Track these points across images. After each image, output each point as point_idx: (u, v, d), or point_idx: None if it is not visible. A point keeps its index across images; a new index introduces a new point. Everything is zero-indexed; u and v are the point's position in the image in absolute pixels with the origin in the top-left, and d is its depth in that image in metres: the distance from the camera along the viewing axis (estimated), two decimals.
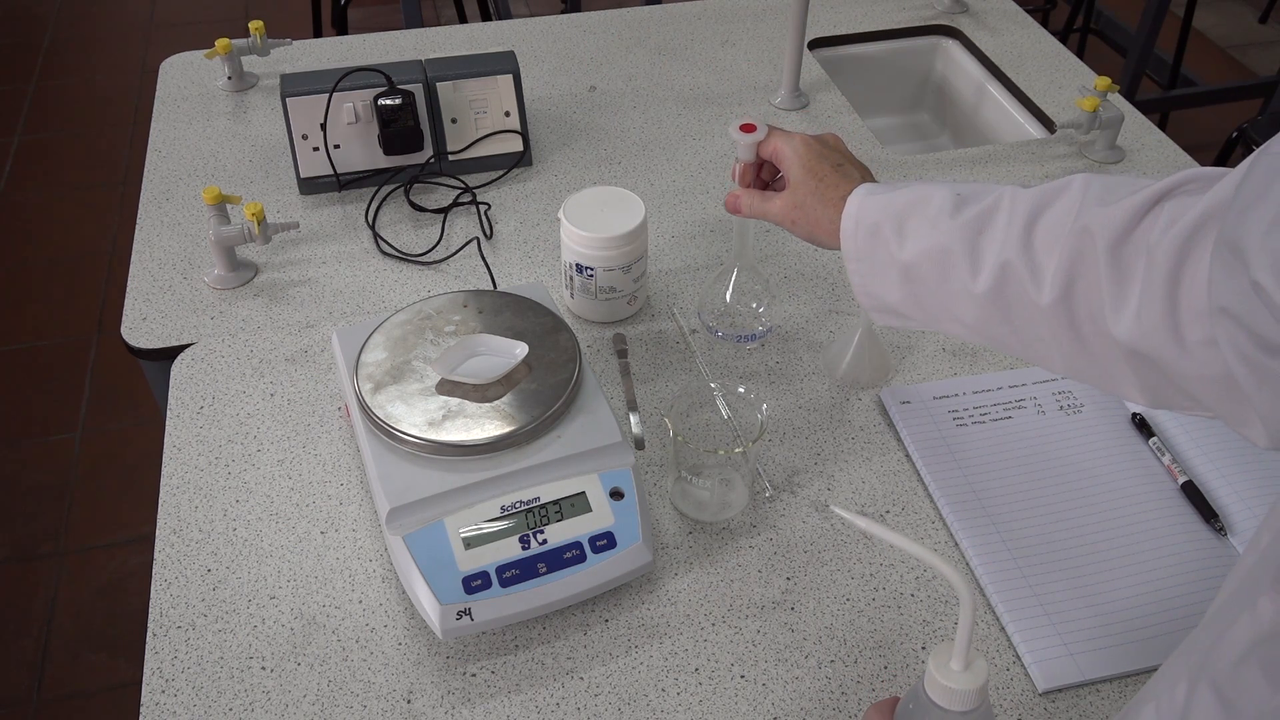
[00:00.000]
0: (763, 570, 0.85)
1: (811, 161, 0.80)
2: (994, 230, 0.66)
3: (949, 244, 0.67)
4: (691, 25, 1.57)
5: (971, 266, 0.66)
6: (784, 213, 0.81)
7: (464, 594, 0.76)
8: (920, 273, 0.70)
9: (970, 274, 0.66)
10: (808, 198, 0.79)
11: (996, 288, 0.65)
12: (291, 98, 1.16)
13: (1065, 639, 0.79)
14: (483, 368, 0.86)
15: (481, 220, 1.20)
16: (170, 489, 0.90)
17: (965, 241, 0.67)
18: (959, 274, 0.67)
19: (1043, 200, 0.65)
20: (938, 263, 0.68)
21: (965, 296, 0.67)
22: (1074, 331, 0.62)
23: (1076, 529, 0.87)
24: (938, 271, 0.68)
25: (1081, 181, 0.64)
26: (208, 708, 0.76)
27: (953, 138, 1.61)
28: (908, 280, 0.71)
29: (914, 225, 0.70)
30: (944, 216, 0.68)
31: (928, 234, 0.69)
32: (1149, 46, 2.65)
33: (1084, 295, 0.61)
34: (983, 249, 0.66)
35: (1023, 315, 0.64)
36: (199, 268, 1.13)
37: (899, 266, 0.71)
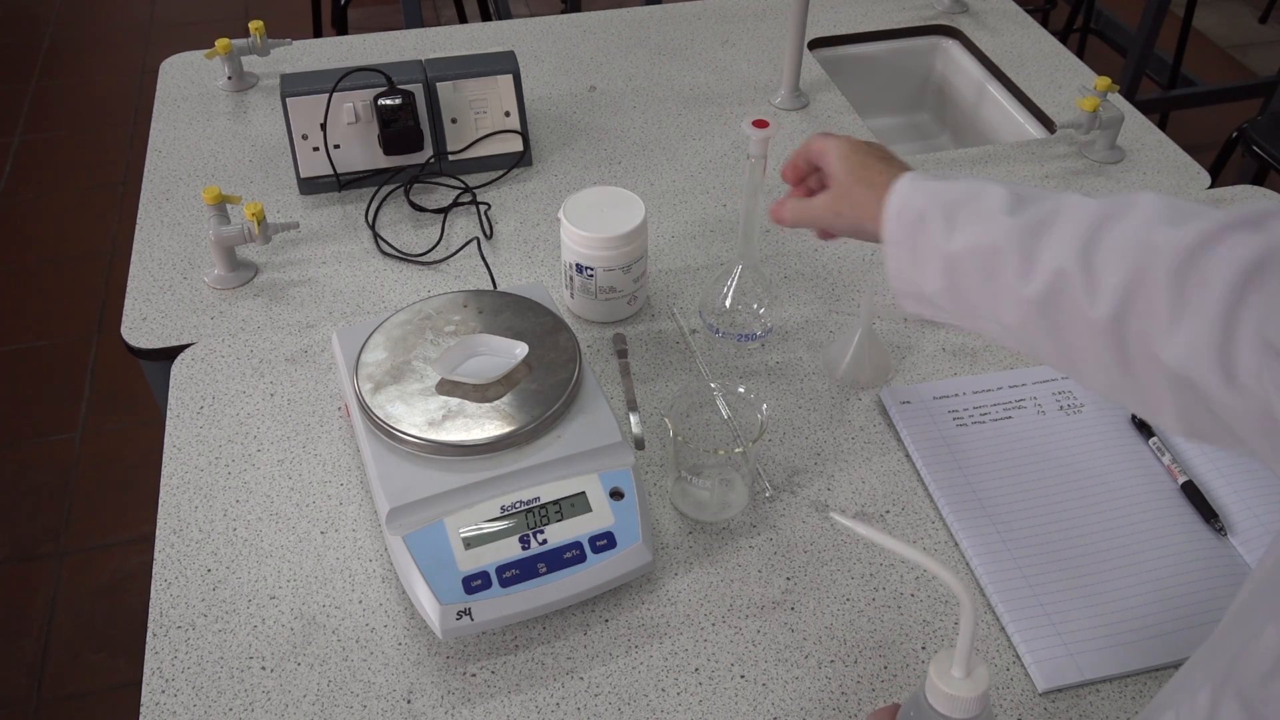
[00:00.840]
0: (763, 570, 0.85)
1: (855, 155, 0.79)
2: (1053, 235, 0.64)
3: (1002, 242, 0.65)
4: (691, 25, 1.58)
5: (1023, 268, 0.64)
6: (828, 206, 0.79)
7: (464, 594, 0.76)
8: (966, 266, 0.68)
9: (1021, 276, 0.64)
10: (853, 187, 0.77)
11: (1048, 294, 0.62)
12: (291, 98, 1.16)
13: (1065, 639, 0.79)
14: (483, 368, 0.86)
15: (481, 220, 1.20)
16: (170, 489, 0.90)
17: (1020, 242, 0.65)
18: (1008, 274, 0.65)
19: (1109, 213, 0.63)
20: (987, 259, 0.66)
21: (1011, 298, 0.65)
22: (1121, 350, 0.60)
23: (1076, 529, 0.87)
24: (985, 268, 0.66)
25: (1151, 199, 0.62)
26: (208, 708, 0.76)
27: (953, 138, 1.61)
28: (951, 271, 0.68)
29: (965, 217, 0.68)
30: (1000, 213, 0.66)
31: (980, 228, 0.67)
32: (1149, 46, 2.65)
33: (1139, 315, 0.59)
34: (1038, 253, 0.64)
35: (1070, 326, 0.62)
36: (199, 268, 1.13)
37: (943, 256, 0.69)
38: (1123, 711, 0.76)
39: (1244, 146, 1.99)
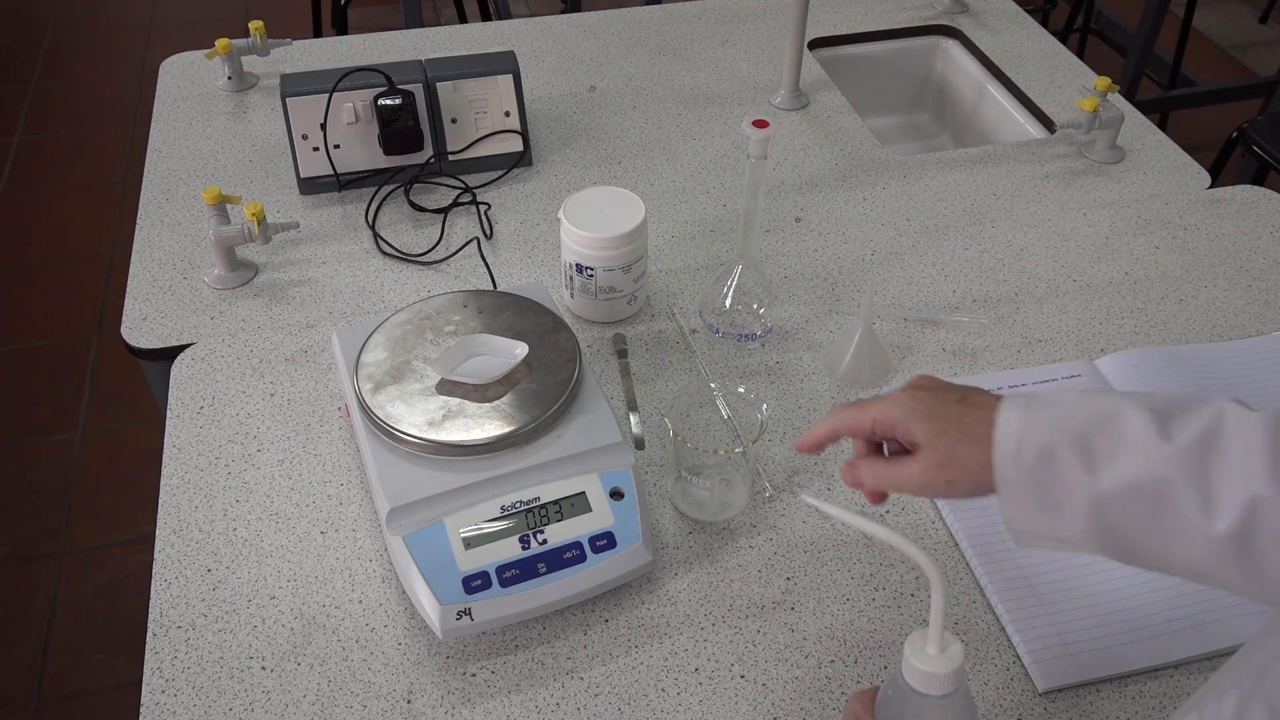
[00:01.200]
0: (763, 570, 0.85)
1: (933, 406, 0.66)
2: (1227, 458, 0.55)
3: (1167, 474, 0.56)
4: (691, 25, 1.58)
5: (1203, 503, 0.55)
6: (927, 474, 0.65)
7: (464, 594, 0.76)
8: (1123, 507, 0.58)
9: (1202, 513, 0.55)
10: (954, 446, 0.64)
11: (1242, 529, 0.54)
12: (291, 98, 1.16)
13: (1065, 639, 0.79)
14: (483, 368, 0.86)
15: (481, 220, 1.20)
16: (170, 489, 0.90)
17: (1190, 473, 0.56)
18: (1184, 512, 0.56)
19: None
20: (1152, 497, 0.57)
21: (1193, 537, 0.56)
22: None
23: None
24: (1151, 507, 0.57)
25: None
26: (208, 708, 0.76)
27: (953, 138, 1.61)
28: (1101, 514, 0.58)
29: (1106, 447, 0.58)
30: (1151, 438, 0.57)
31: (1135, 461, 0.57)
32: (1149, 46, 2.65)
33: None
34: (1217, 482, 0.55)
35: (1276, 561, 0.54)
36: (199, 268, 1.13)
37: (1090, 499, 0.58)
38: (1123, 711, 0.76)
39: (1244, 146, 1.99)
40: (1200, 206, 1.23)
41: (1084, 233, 1.19)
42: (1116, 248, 1.17)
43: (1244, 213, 1.22)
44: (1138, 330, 1.07)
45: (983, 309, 1.09)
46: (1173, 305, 1.10)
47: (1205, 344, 1.05)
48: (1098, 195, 1.25)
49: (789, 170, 1.29)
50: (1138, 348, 1.04)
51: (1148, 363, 1.00)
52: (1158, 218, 1.22)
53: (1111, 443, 0.58)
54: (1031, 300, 1.10)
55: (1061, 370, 1.01)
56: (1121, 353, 1.02)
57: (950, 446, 0.64)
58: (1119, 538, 0.59)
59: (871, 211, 1.22)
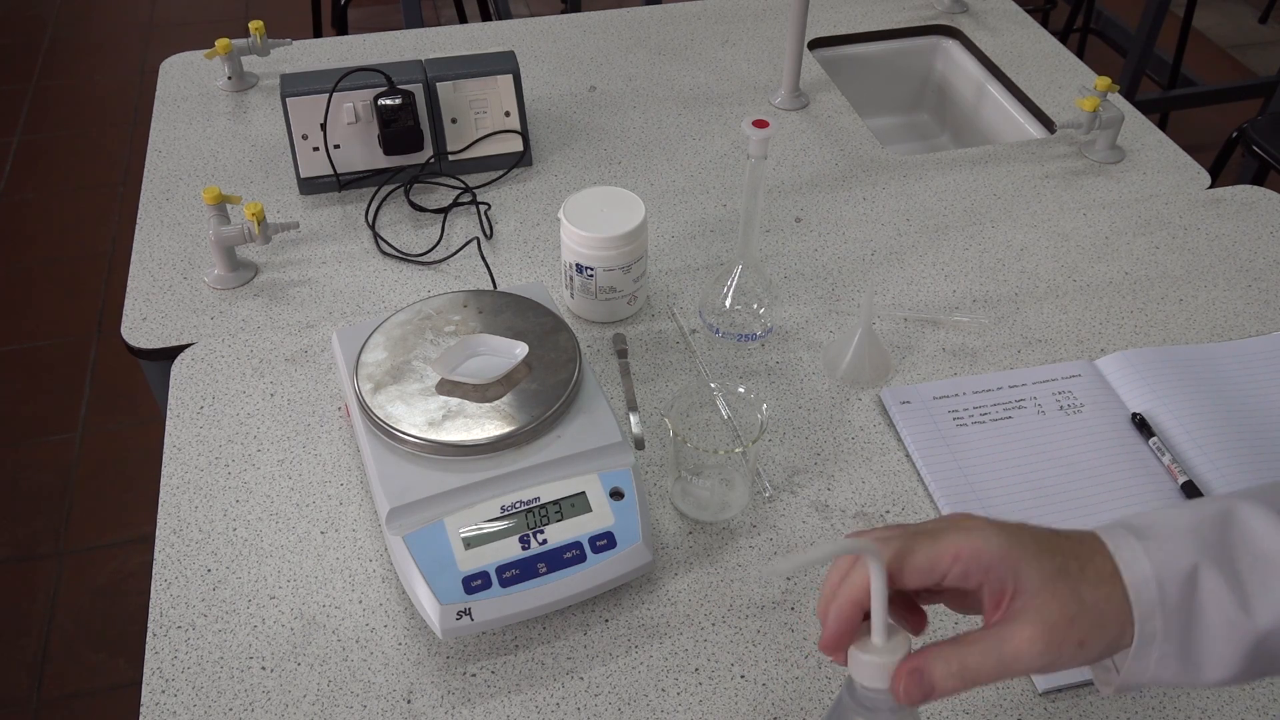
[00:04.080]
0: (763, 570, 0.85)
1: (1034, 538, 0.51)
2: None
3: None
4: (691, 25, 1.58)
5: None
6: (1055, 636, 0.48)
7: (464, 594, 0.76)
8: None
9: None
10: (1079, 589, 0.49)
11: None
12: (291, 98, 1.16)
13: None
14: (483, 368, 0.86)
15: (481, 220, 1.20)
16: (170, 489, 0.90)
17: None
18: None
19: None
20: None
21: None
22: None
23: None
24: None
25: None
26: (208, 708, 0.76)
27: (953, 138, 1.61)
28: (1258, 653, 0.48)
29: (1254, 570, 0.48)
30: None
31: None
32: (1149, 46, 2.65)
33: None
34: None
35: None
36: (199, 268, 1.13)
37: (1247, 638, 0.48)
38: (1123, 711, 0.76)
39: (1244, 146, 1.99)
40: (1200, 206, 1.23)
41: (1084, 233, 1.19)
42: (1116, 248, 1.17)
43: (1244, 213, 1.22)
44: (1138, 330, 1.07)
45: (983, 309, 1.09)
46: (1173, 305, 1.10)
47: (1205, 344, 1.05)
48: (1098, 195, 1.25)
49: (789, 170, 1.29)
50: (1138, 348, 1.04)
51: (1148, 363, 1.00)
52: (1158, 218, 1.22)
53: (1257, 562, 0.48)
54: (1031, 300, 1.10)
55: (1061, 370, 1.01)
56: (1121, 353, 1.02)
57: (1078, 590, 0.48)
58: (1272, 665, 0.49)
59: (871, 211, 1.22)
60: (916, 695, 0.49)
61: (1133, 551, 0.49)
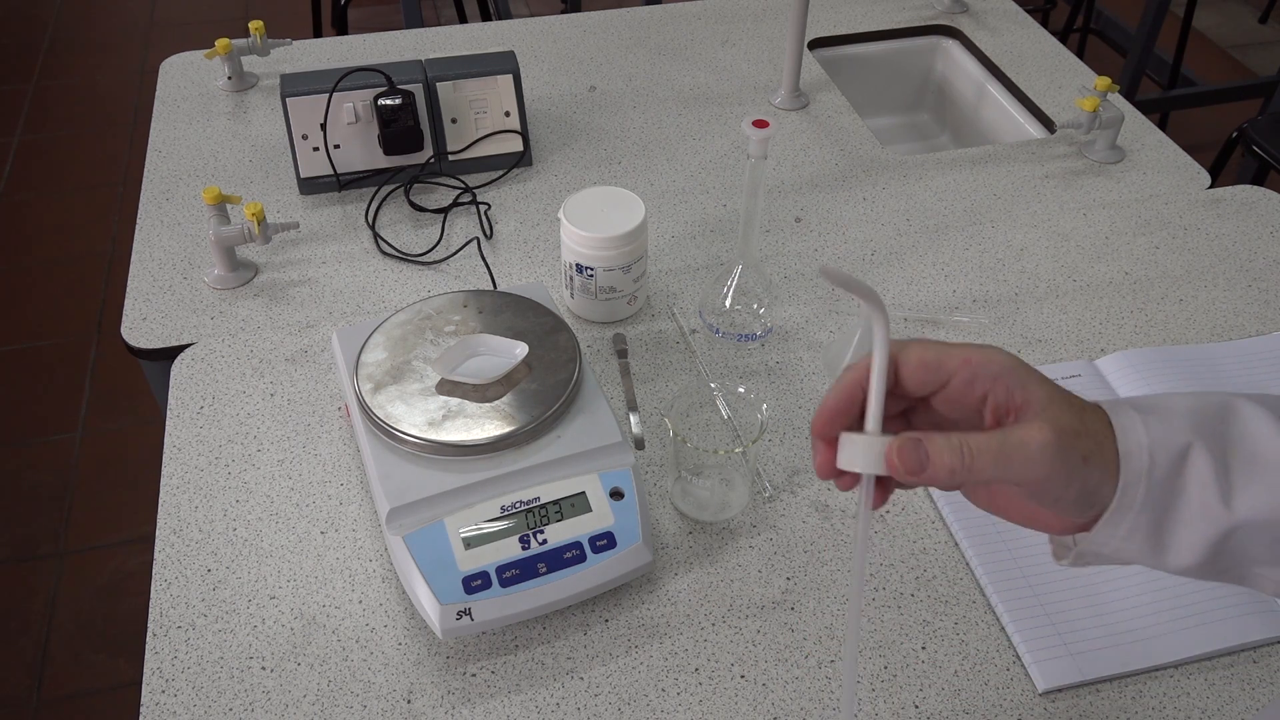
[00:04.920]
0: (763, 570, 0.85)
1: (1032, 370, 0.50)
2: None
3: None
4: (691, 25, 1.58)
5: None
6: (1064, 439, 0.47)
7: (464, 594, 0.76)
8: (1252, 544, 0.48)
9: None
10: (1083, 418, 0.48)
11: None
12: (291, 98, 1.16)
13: (1065, 639, 0.79)
14: (483, 368, 0.86)
15: (481, 220, 1.20)
16: (170, 489, 0.90)
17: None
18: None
19: None
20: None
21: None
22: None
23: None
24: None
25: None
26: (208, 708, 0.76)
27: (953, 138, 1.61)
28: (1224, 546, 0.48)
29: (1243, 466, 0.48)
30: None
31: (1277, 486, 0.47)
32: (1149, 46, 2.65)
33: None
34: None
35: None
36: (199, 268, 1.13)
37: (1221, 528, 0.47)
38: (1123, 711, 0.76)
39: (1244, 146, 1.99)
40: (1200, 206, 1.23)
41: (1084, 233, 1.19)
42: (1116, 248, 1.17)
43: (1244, 213, 1.22)
44: (1138, 330, 1.07)
45: (983, 309, 1.09)
46: (1173, 305, 1.10)
47: (1205, 344, 1.05)
48: (1098, 195, 1.25)
49: (789, 170, 1.29)
50: (1138, 348, 1.04)
51: (1148, 363, 1.00)
52: (1158, 218, 1.22)
53: (1247, 460, 0.48)
54: (1031, 300, 1.10)
55: (1061, 370, 1.01)
56: (1121, 353, 1.02)
57: (1079, 414, 0.48)
58: (1230, 564, 0.49)
59: (871, 211, 1.22)
60: (911, 462, 0.47)
61: (1131, 421, 0.48)
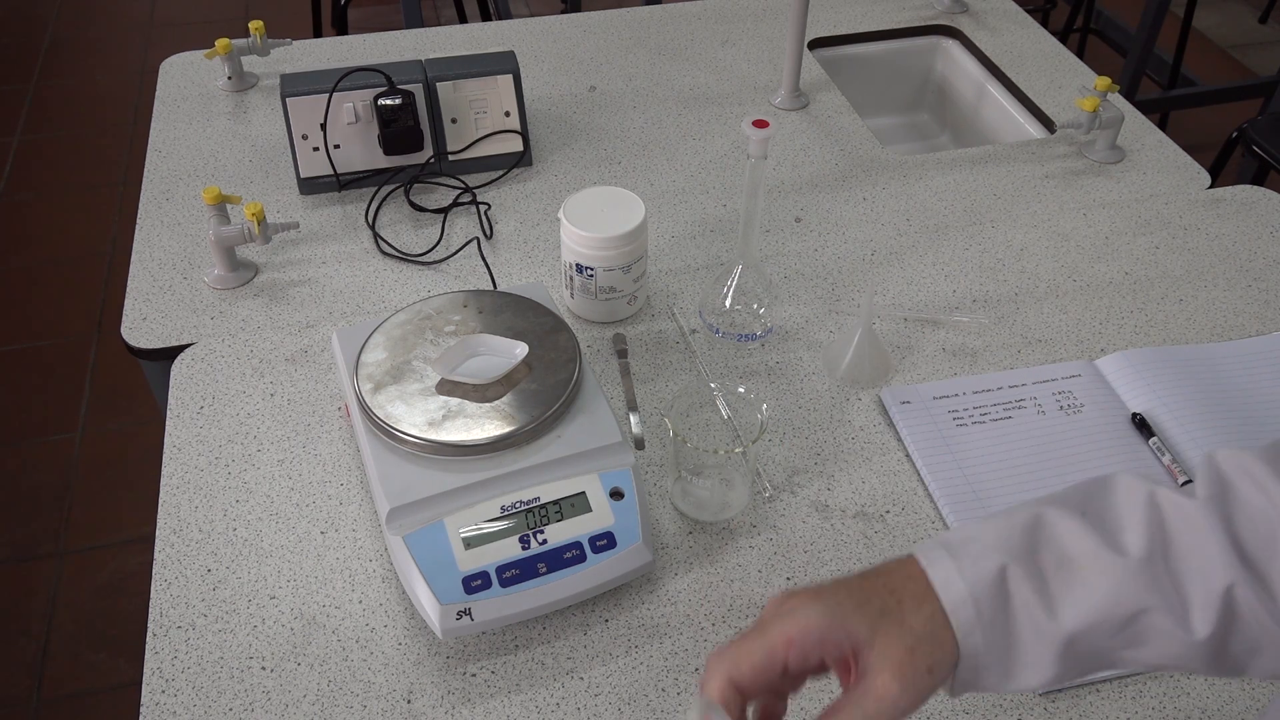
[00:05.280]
0: (763, 570, 0.85)
1: (844, 591, 0.53)
2: (1184, 555, 0.50)
3: (1135, 596, 0.49)
4: (691, 25, 1.57)
5: (1178, 613, 0.49)
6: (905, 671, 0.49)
7: (464, 594, 0.76)
8: (1094, 643, 0.50)
9: (1178, 622, 0.49)
10: (907, 627, 0.51)
11: (1225, 625, 0.50)
12: (291, 98, 1.16)
13: None
14: (483, 368, 0.86)
15: (481, 220, 1.20)
16: (170, 489, 0.90)
17: (1157, 584, 0.50)
18: (1158, 625, 0.50)
19: (1217, 499, 0.51)
20: (1123, 622, 0.50)
21: (1171, 644, 0.50)
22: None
23: None
24: (1127, 635, 0.50)
25: (1236, 464, 0.52)
26: (208, 708, 0.76)
27: (953, 138, 1.61)
28: (1068, 653, 0.50)
29: (1057, 573, 0.50)
30: (1103, 554, 0.50)
31: (1096, 586, 0.50)
32: (1149, 46, 2.65)
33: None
34: (1186, 585, 0.50)
35: (1265, 642, 0.50)
36: (199, 268, 1.13)
37: (1056, 641, 0.50)
38: (1123, 711, 0.76)
39: (1244, 146, 1.99)
40: (1200, 206, 1.23)
41: (1084, 233, 1.19)
42: (1116, 248, 1.17)
43: (1244, 213, 1.22)
44: (1138, 330, 1.07)
45: (983, 309, 1.09)
46: (1173, 305, 1.10)
47: (1205, 344, 1.05)
48: (1098, 195, 1.25)
49: (789, 170, 1.29)
50: (1138, 348, 1.04)
51: (1147, 363, 1.00)
52: (1158, 218, 1.22)
53: (1058, 567, 0.50)
54: (1031, 300, 1.10)
55: (1061, 370, 1.01)
56: (1121, 353, 1.02)
57: (903, 622, 0.50)
58: (1083, 668, 0.51)
59: (871, 211, 1.22)
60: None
61: (947, 573, 0.51)
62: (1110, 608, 0.50)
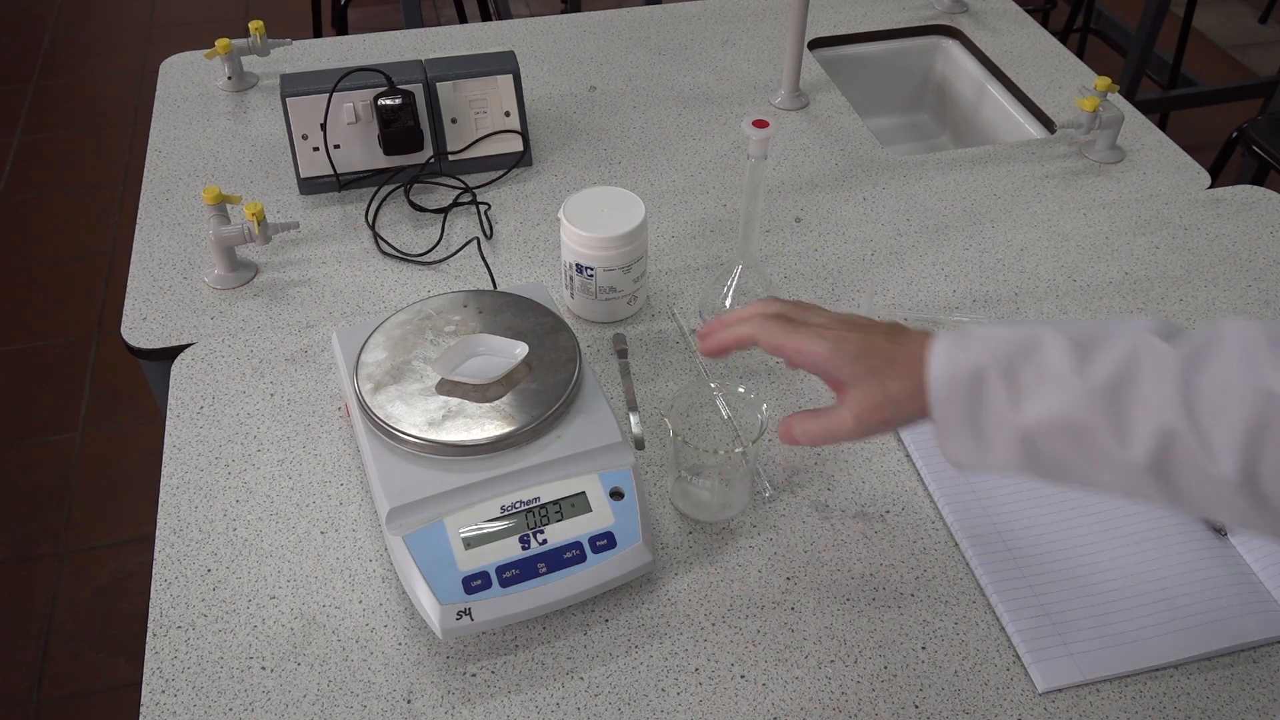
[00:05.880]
0: (763, 570, 0.85)
1: (862, 344, 0.65)
2: (1140, 389, 0.56)
3: (1083, 412, 0.57)
4: (691, 25, 1.58)
5: (1120, 435, 0.57)
6: (864, 418, 0.65)
7: (464, 594, 0.76)
8: (1047, 440, 0.59)
9: (1119, 442, 0.57)
10: (886, 384, 0.64)
11: (1158, 457, 0.56)
12: (291, 98, 1.16)
13: (1065, 639, 0.79)
14: (483, 368, 0.86)
15: (481, 220, 1.20)
16: (170, 489, 0.90)
17: (1106, 407, 0.57)
18: (1104, 444, 0.57)
19: (1195, 353, 0.57)
20: (1072, 431, 0.58)
21: (1114, 464, 0.58)
22: (1261, 503, 0.54)
23: (1077, 529, 0.87)
24: (1074, 442, 0.58)
25: (1237, 332, 0.56)
26: (208, 708, 0.76)
27: (953, 138, 1.61)
28: (1027, 444, 0.60)
29: (1030, 380, 0.59)
30: (1068, 374, 0.58)
31: (1053, 397, 0.58)
32: (1149, 46, 2.65)
33: (1274, 468, 0.53)
34: (1131, 413, 0.56)
35: (1192, 485, 0.56)
36: (199, 268, 1.13)
37: (1016, 430, 0.60)
38: (1123, 711, 0.76)
39: (1244, 146, 1.99)
40: (1200, 206, 1.23)
41: (1084, 233, 1.19)
42: (1116, 248, 1.17)
43: (1244, 213, 1.22)
44: None
45: (983, 309, 1.09)
46: (1173, 305, 1.10)
47: None
48: (1098, 195, 1.25)
49: (789, 170, 1.29)
50: None
51: None
52: (1158, 218, 1.22)
53: (1032, 374, 0.59)
54: (1031, 300, 1.10)
55: None
56: None
57: (884, 385, 0.64)
58: (1046, 465, 0.60)
59: (871, 211, 1.22)
60: (785, 438, 0.70)
61: (940, 360, 0.62)
62: (1061, 417, 0.58)
